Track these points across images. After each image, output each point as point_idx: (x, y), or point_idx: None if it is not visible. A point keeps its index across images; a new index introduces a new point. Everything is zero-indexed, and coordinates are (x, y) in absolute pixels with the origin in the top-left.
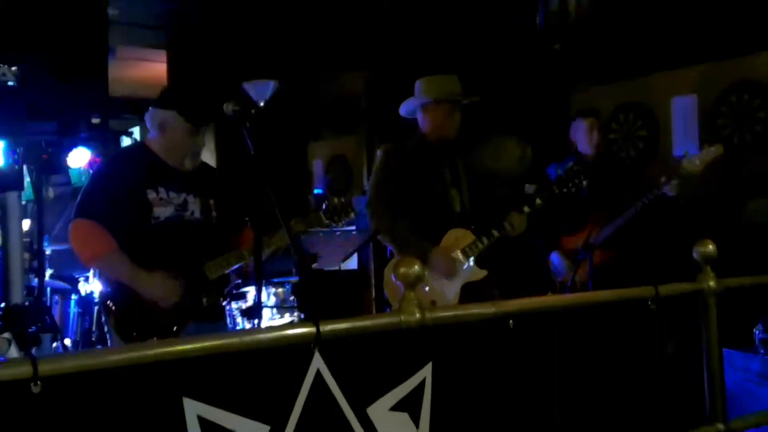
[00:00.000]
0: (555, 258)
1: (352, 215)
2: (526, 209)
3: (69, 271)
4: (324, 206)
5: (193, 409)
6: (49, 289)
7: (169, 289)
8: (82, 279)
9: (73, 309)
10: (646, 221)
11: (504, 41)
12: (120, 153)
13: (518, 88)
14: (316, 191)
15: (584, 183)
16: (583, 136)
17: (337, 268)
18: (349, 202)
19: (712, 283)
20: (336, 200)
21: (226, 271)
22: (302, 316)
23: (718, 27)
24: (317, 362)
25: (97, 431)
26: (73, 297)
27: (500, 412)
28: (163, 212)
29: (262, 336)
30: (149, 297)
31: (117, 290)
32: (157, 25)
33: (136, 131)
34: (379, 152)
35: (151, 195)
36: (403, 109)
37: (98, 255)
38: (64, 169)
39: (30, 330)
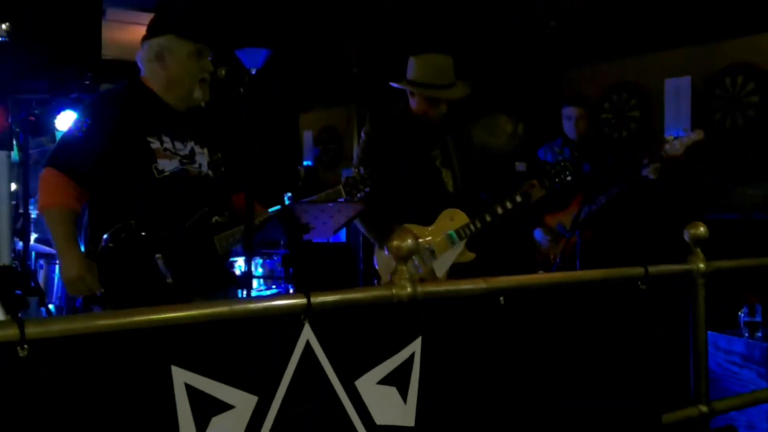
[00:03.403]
0: (538, 234)
1: (369, 185)
2: (547, 183)
3: None
4: (344, 178)
5: (181, 377)
6: (33, 254)
7: (77, 280)
8: None
9: (57, 274)
10: (627, 202)
11: (497, 18)
12: (109, 93)
13: (510, 65)
14: (305, 162)
15: (569, 179)
16: (569, 124)
17: (326, 240)
18: (370, 175)
19: (701, 265)
20: (356, 172)
21: (235, 245)
22: (291, 287)
23: (714, 8)
24: (307, 333)
25: (84, 397)
26: (57, 262)
27: (488, 388)
28: (168, 165)
29: (252, 306)
30: (61, 274)
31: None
32: None
33: None
34: (362, 133)
35: (155, 144)
36: (395, 85)
37: (43, 207)
38: (51, 131)
39: (17, 293)
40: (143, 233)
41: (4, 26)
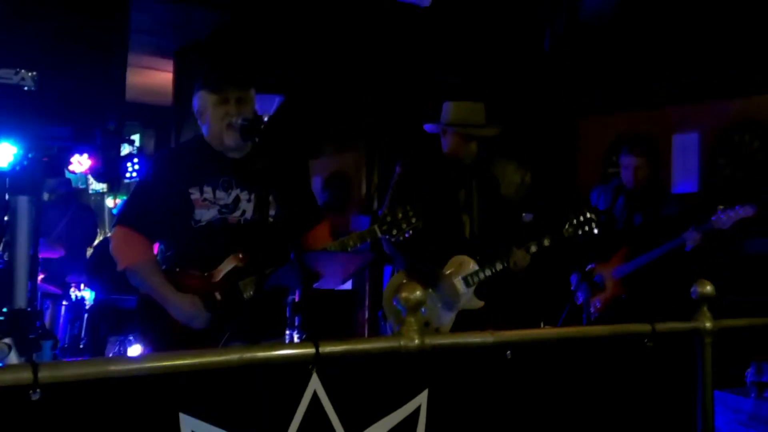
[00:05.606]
0: (574, 279)
1: (419, 225)
2: (533, 249)
3: (61, 275)
4: (383, 216)
5: (189, 425)
6: (39, 294)
7: (195, 316)
8: (73, 285)
9: (63, 314)
10: (661, 265)
11: (510, 66)
12: (169, 149)
13: (521, 114)
14: None
15: (595, 231)
16: (627, 172)
17: (333, 288)
18: (414, 211)
19: (708, 324)
20: (399, 210)
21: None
22: (294, 334)
23: (724, 66)
24: (314, 383)
25: None
26: (64, 303)
27: None
28: (204, 215)
29: (260, 354)
30: (176, 318)
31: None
32: (164, 32)
33: (137, 138)
34: (397, 167)
35: (195, 195)
36: (428, 127)
37: (127, 264)
38: (62, 172)
39: (30, 335)
40: (185, 275)
41: (30, 75)
